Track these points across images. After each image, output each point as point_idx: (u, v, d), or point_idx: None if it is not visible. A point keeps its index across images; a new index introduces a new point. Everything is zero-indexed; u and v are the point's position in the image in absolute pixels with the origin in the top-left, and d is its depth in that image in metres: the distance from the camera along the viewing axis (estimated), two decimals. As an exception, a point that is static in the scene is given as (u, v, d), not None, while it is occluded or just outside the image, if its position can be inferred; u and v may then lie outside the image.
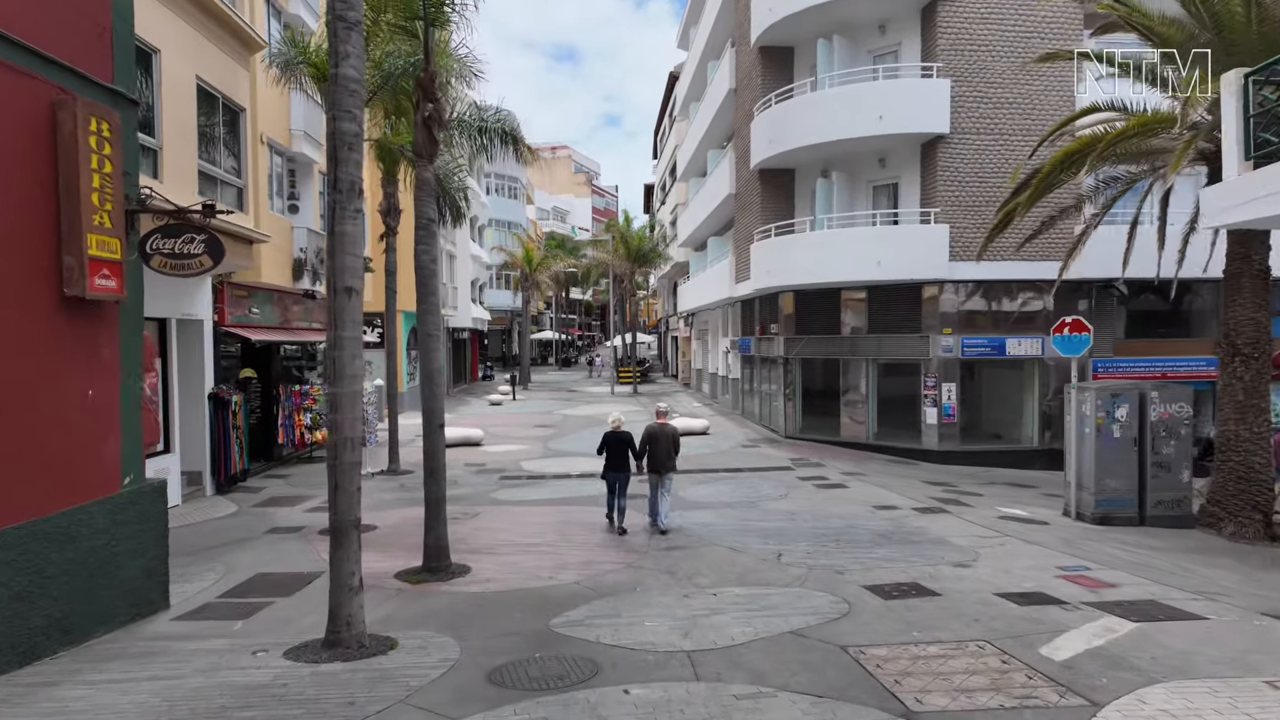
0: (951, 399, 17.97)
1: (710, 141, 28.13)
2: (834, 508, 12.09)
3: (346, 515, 5.90)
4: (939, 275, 17.31)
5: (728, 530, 10.55)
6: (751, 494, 13.39)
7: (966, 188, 17.57)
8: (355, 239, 5.89)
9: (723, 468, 16.32)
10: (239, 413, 14.46)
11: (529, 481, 15.18)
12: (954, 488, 14.43)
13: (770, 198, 20.73)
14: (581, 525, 11.03)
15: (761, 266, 19.89)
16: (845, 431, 19.57)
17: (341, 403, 5.86)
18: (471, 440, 20.24)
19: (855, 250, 17.70)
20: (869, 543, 9.72)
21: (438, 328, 8.49)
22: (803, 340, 20.17)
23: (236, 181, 12.42)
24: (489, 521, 11.50)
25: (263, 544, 10.27)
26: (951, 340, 17.81)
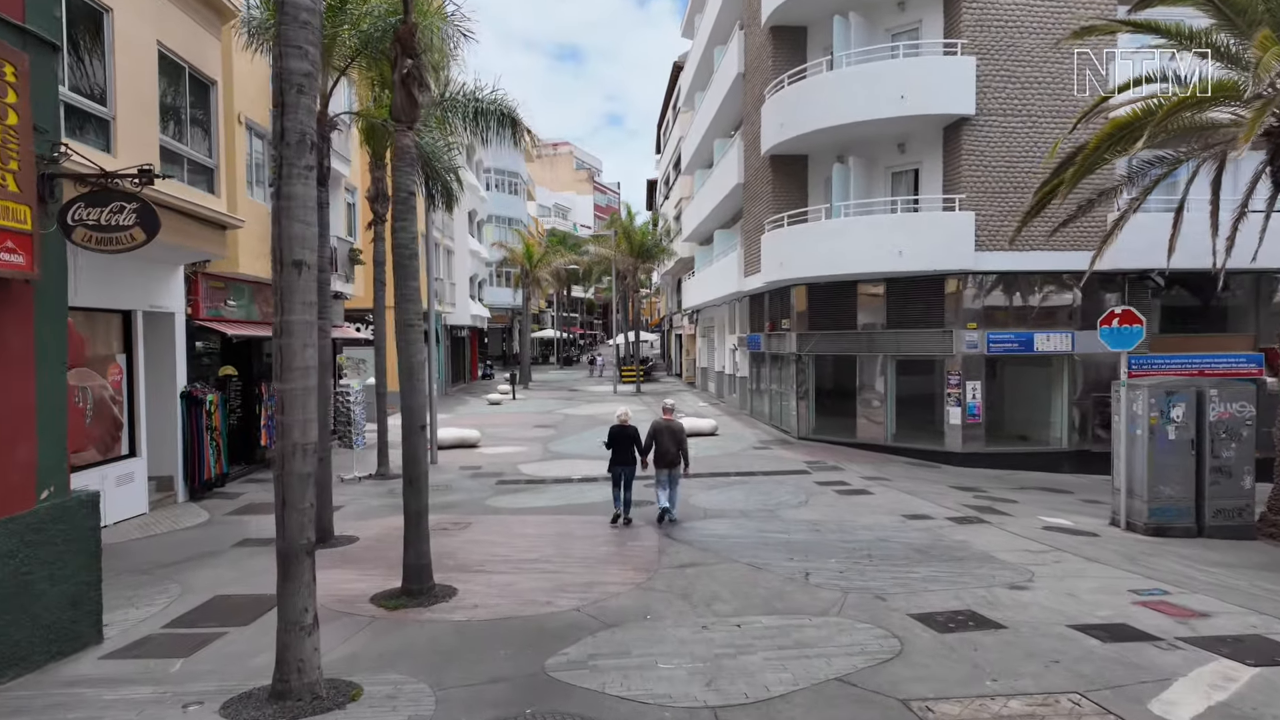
0: (976, 398, 16.89)
1: (717, 131, 27.04)
2: (861, 517, 11.01)
3: (297, 539, 4.84)
4: (964, 265, 16.22)
5: (746, 543, 9.48)
6: (768, 501, 12.32)
7: (993, 173, 16.48)
8: (306, 203, 4.83)
9: (734, 471, 15.25)
10: (215, 413, 13.41)
11: (527, 486, 14.12)
12: (985, 494, 13.36)
13: (782, 186, 19.64)
14: (583, 538, 9.97)
15: (773, 258, 18.80)
16: (862, 432, 18.48)
17: (289, 401, 4.80)
18: (467, 442, 19.20)
19: (875, 239, 16.61)
20: (906, 559, 8.64)
21: (418, 316, 7.44)
22: (816, 336, 19.09)
23: (207, 161, 11.38)
24: (481, 533, 10.43)
25: (229, 559, 9.22)
26: (976, 335, 16.72)
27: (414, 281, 7.36)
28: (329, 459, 10.13)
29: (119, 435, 11.47)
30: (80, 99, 8.41)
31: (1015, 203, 16.42)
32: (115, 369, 11.41)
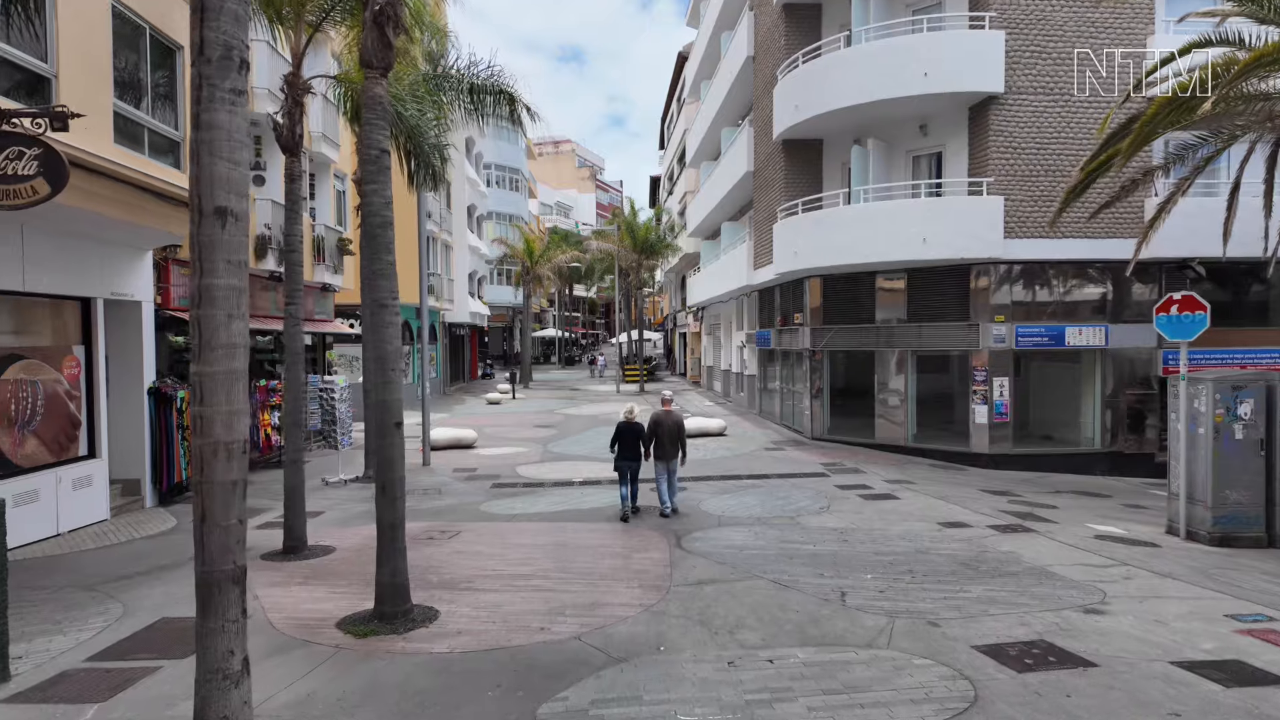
0: (1004, 395, 15.82)
1: (725, 119, 25.99)
2: (892, 525, 9.95)
3: (219, 564, 3.79)
4: (993, 254, 15.15)
5: (767, 556, 8.42)
6: (786, 506, 11.27)
7: (1022, 155, 15.41)
8: (233, 135, 3.79)
9: (747, 474, 14.20)
10: (187, 410, 12.38)
11: (524, 490, 13.08)
12: (1020, 498, 12.28)
13: (795, 172, 18.60)
14: (584, 548, 8.92)
15: (786, 247, 17.75)
16: (880, 432, 17.41)
17: (209, 387, 3.76)
18: (463, 442, 18.16)
19: (897, 226, 15.55)
20: (953, 575, 7.58)
21: (392, 295, 6.40)
22: (832, 331, 18.04)
23: (171, 134, 10.36)
24: (471, 542, 9.39)
25: (186, 572, 8.16)
26: (1005, 329, 15.65)
27: (387, 255, 6.32)
28: (302, 463, 9.09)
29: (76, 435, 10.46)
30: (10, 49, 7.38)
31: (1046, 187, 15.38)
32: (72, 362, 10.40)
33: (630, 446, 10.60)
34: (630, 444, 10.61)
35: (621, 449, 10.63)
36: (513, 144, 52.07)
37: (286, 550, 8.88)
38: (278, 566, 8.42)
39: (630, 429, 10.66)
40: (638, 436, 10.63)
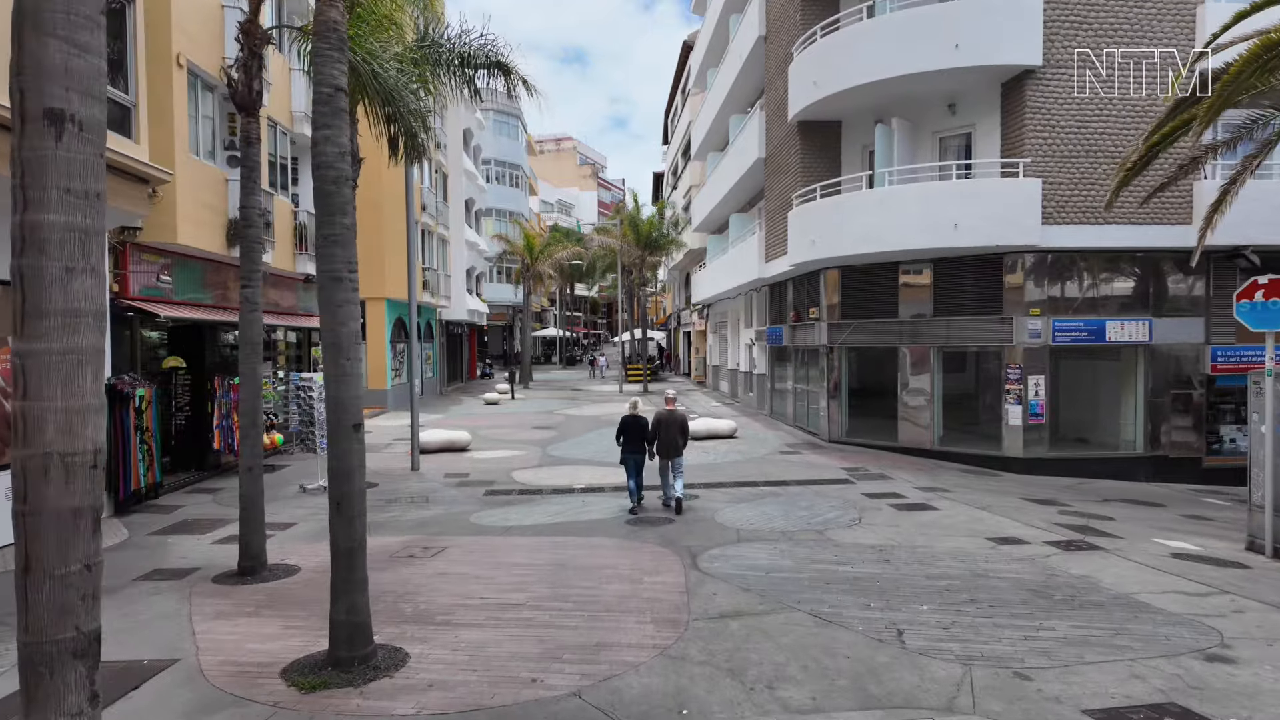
0: (1040, 395, 14.61)
1: (733, 106, 24.79)
2: (936, 541, 8.74)
3: (53, 630, 2.58)
4: (1029, 241, 13.93)
5: (800, 580, 7.21)
6: (811, 518, 10.06)
7: (1061, 134, 14.19)
8: (75, 10, 2.59)
9: (763, 480, 12.99)
10: (147, 410, 11.21)
11: (520, 498, 11.88)
12: (1069, 508, 11.07)
13: (812, 156, 17.39)
14: (586, 570, 7.71)
15: (803, 236, 16.54)
16: (904, 435, 16.19)
17: (37, 372, 2.56)
18: (456, 445, 16.97)
19: (925, 210, 14.33)
20: (1026, 606, 6.37)
21: (349, 268, 5.21)
22: (851, 326, 16.82)
23: (120, 97, 9.18)
24: (457, 561, 8.18)
25: (122, 599, 6.98)
26: (1041, 323, 14.44)
27: (343, 218, 5.13)
28: (259, 470, 7.89)
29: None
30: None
31: (1087, 169, 14.18)
32: (7, 355, 9.21)
33: (635, 439, 10.70)
34: (635, 437, 10.71)
35: (626, 442, 10.74)
36: (513, 139, 50.92)
37: (242, 571, 7.68)
38: (228, 592, 7.21)
39: (635, 422, 10.77)
40: (642, 430, 10.74)
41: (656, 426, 10.75)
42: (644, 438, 10.69)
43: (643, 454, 10.74)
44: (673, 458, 10.70)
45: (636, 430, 10.75)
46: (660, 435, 10.71)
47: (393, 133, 10.45)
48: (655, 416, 10.89)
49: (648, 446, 10.72)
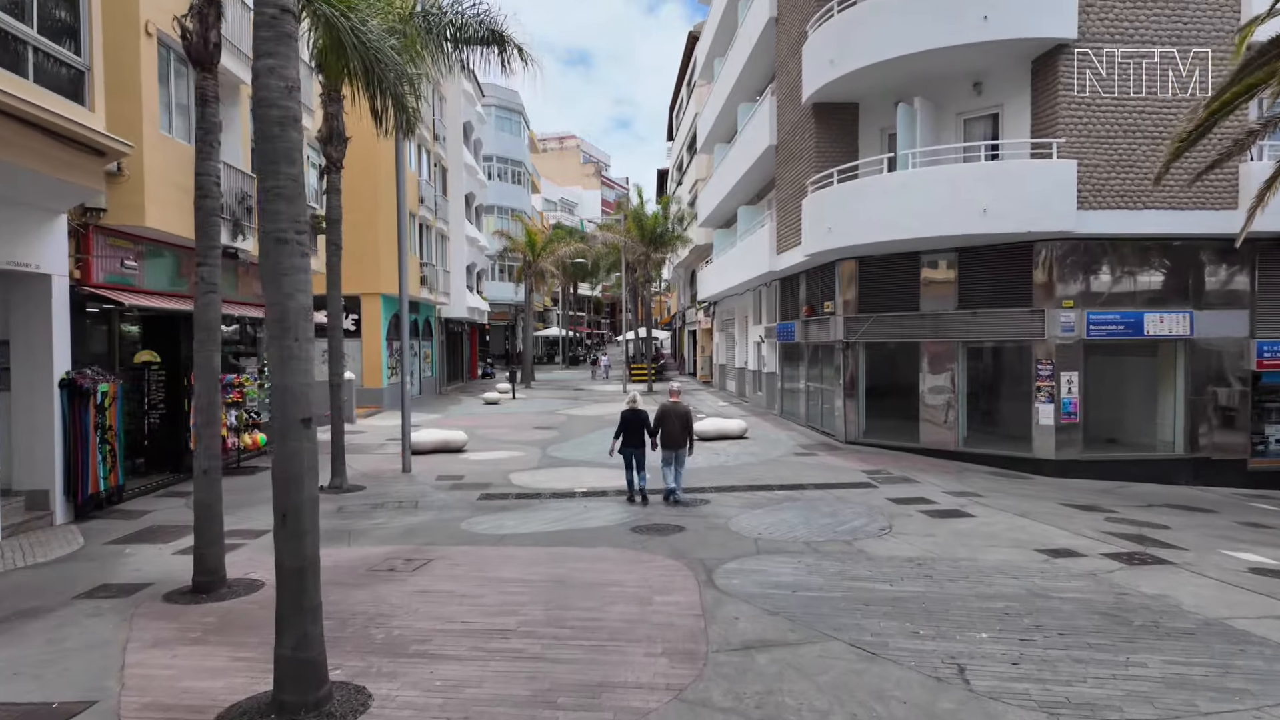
0: (1073, 392, 13.65)
1: (742, 94, 23.86)
2: (980, 553, 7.79)
3: None
4: (1064, 227, 12.97)
5: (833, 601, 6.28)
6: (837, 527, 9.11)
7: (1098, 113, 13.23)
8: None
9: (778, 484, 12.05)
10: (110, 407, 10.31)
11: (517, 503, 10.96)
12: (1115, 514, 10.11)
13: (828, 140, 16.44)
14: (587, 587, 6.78)
15: (819, 224, 15.59)
16: (926, 436, 15.22)
17: None
18: (451, 445, 16.06)
19: (951, 194, 13.38)
20: (1101, 633, 5.43)
21: (298, 229, 4.27)
22: (869, 320, 15.87)
23: (71, 59, 8.28)
24: (442, 575, 7.26)
25: (51, 623, 6.06)
26: (1074, 316, 13.49)
27: (289, 168, 4.20)
28: (217, 473, 6.98)
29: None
30: None
31: (1125, 150, 13.22)
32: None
33: (635, 434, 10.63)
34: (635, 431, 10.64)
35: (626, 436, 10.66)
36: (515, 135, 50.08)
37: (196, 588, 6.76)
38: (177, 613, 6.30)
39: (635, 416, 10.70)
40: (642, 424, 10.69)
41: (660, 419, 10.74)
42: (644, 431, 10.67)
43: (643, 447, 10.68)
44: (678, 449, 10.65)
45: (637, 424, 10.68)
46: (664, 427, 10.69)
47: (379, 105, 9.49)
48: (660, 408, 10.92)
49: (650, 438, 10.71)
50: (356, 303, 24.59)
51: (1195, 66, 13.16)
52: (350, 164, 22.69)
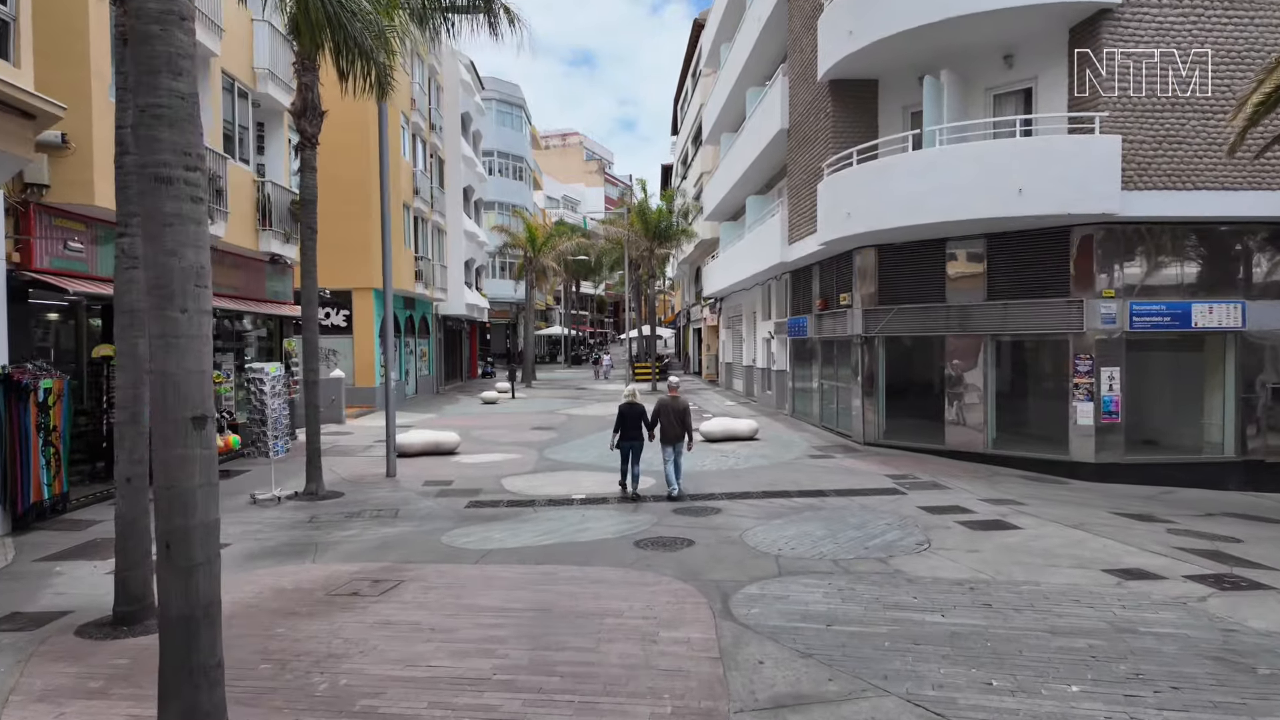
0: (1114, 390, 12.53)
1: (750, 79, 22.77)
2: (1040, 574, 6.69)
3: None
4: (1107, 208, 11.84)
5: (876, 638, 5.19)
6: (867, 540, 8.02)
7: (1144, 85, 12.11)
8: None
9: (795, 489, 10.97)
10: (55, 405, 9.28)
11: (507, 511, 9.89)
12: (1177, 526, 8.99)
13: (846, 119, 15.34)
14: (580, 618, 5.70)
15: (836, 208, 14.48)
16: (951, 437, 14.10)
17: None
18: (442, 447, 14.98)
19: (984, 174, 12.27)
20: (1221, 685, 4.35)
21: (189, 163, 3.21)
22: (890, 313, 14.77)
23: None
24: (410, 604, 6.18)
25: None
26: (1116, 307, 12.37)
27: (171, 80, 3.15)
28: (143, 481, 5.91)
29: None
30: None
31: (1173, 125, 12.10)
32: None
33: (632, 428, 10.59)
34: (632, 425, 10.60)
35: (624, 430, 10.60)
36: (516, 130, 49.07)
37: (117, 619, 5.71)
38: (86, 651, 5.24)
39: (632, 410, 10.67)
40: (639, 418, 10.68)
41: (658, 413, 10.74)
42: (642, 425, 10.64)
43: (641, 441, 10.66)
44: (675, 443, 10.62)
45: (634, 418, 10.63)
46: (662, 421, 10.70)
47: (345, 62, 8.43)
48: (658, 402, 10.90)
49: (648, 431, 10.69)
50: (348, 298, 23.56)
51: (1255, 31, 12.04)
52: (343, 153, 21.78)
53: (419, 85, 26.24)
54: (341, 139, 21.68)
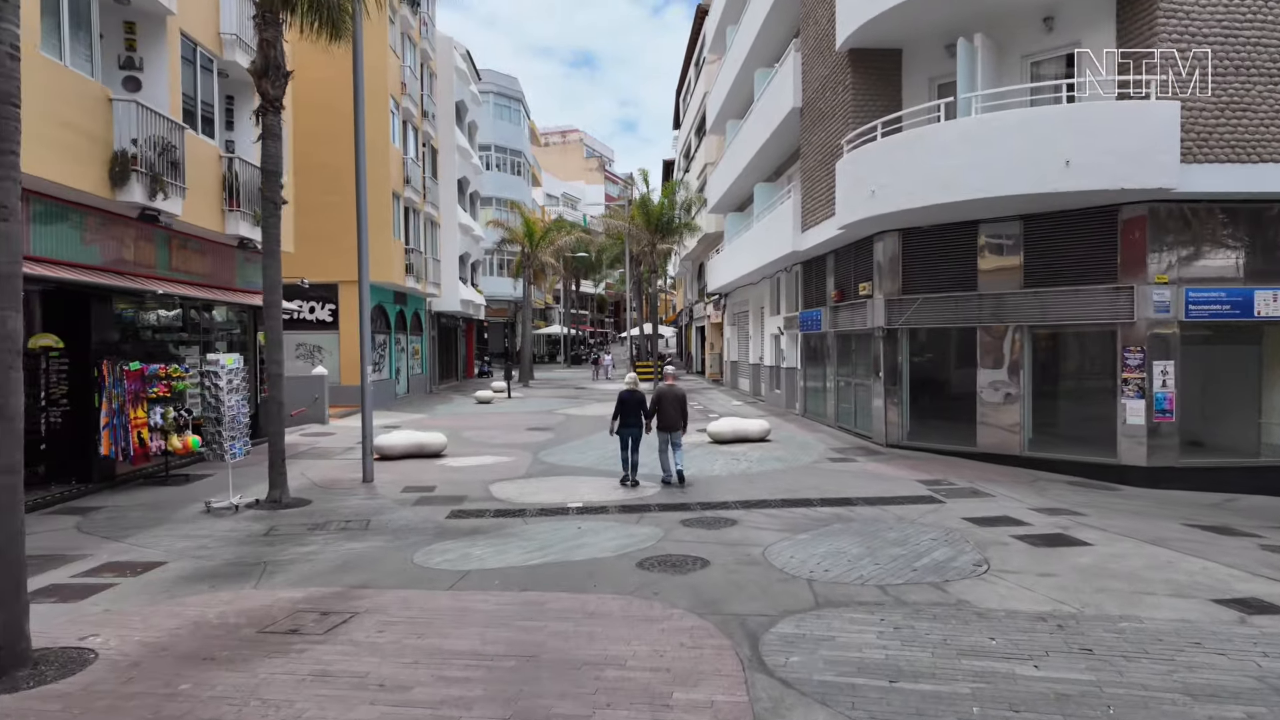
0: (1168, 385, 11.30)
1: (759, 59, 21.52)
2: (1138, 607, 5.46)
3: None
4: (1165, 183, 10.59)
5: (960, 702, 3.98)
6: (913, 559, 6.79)
7: (1204, 46, 10.89)
8: None
9: (818, 497, 9.73)
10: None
11: (493, 523, 8.66)
12: (1265, 541, 7.74)
13: (867, 91, 14.09)
14: (571, 670, 4.47)
15: (858, 188, 13.23)
16: (984, 438, 12.85)
17: None
18: (427, 449, 13.76)
19: (1027, 145, 11.01)
20: None
21: None
22: (915, 302, 13.54)
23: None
24: (358, 647, 4.94)
25: None
26: (1170, 294, 11.14)
27: None
28: (12, 495, 4.69)
29: None
30: None
31: (1237, 91, 10.87)
32: None
33: (632, 414, 10.60)
34: (632, 412, 10.61)
35: (623, 417, 10.62)
36: (514, 124, 47.86)
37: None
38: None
39: (632, 397, 10.68)
40: (639, 405, 10.68)
41: (657, 401, 10.75)
42: (641, 412, 10.61)
43: (640, 428, 10.65)
44: (673, 431, 10.66)
45: (634, 405, 10.62)
46: (660, 409, 10.69)
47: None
48: (656, 391, 10.97)
49: (646, 420, 10.68)
50: (334, 291, 22.34)
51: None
52: (329, 140, 20.54)
53: (409, 69, 25.01)
54: (327, 125, 20.50)
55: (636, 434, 10.65)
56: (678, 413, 10.70)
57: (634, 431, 10.62)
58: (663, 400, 10.73)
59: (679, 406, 10.76)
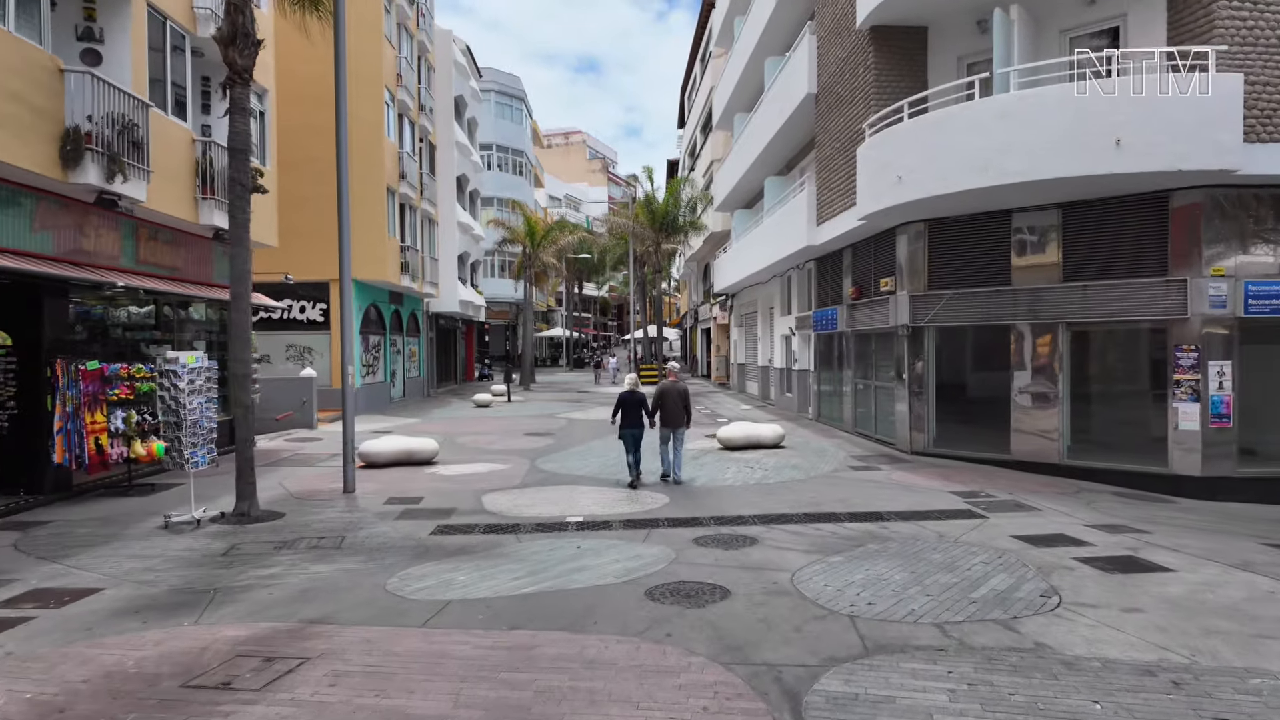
0: (1225, 388, 10.29)
1: (769, 48, 20.56)
2: (1260, 654, 4.47)
3: None
4: (1226, 164, 9.56)
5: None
6: (969, 589, 5.78)
7: (1266, 13, 9.91)
8: None
9: (845, 511, 8.73)
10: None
11: (482, 539, 7.67)
12: (1364, 565, 6.71)
13: (891, 71, 13.11)
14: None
15: (882, 174, 12.22)
16: (1019, 445, 11.83)
17: None
18: (417, 456, 12.77)
19: (1073, 123, 9.98)
20: None
21: None
22: (943, 298, 12.55)
23: None
24: (300, 708, 3.96)
25: None
26: (1227, 287, 10.14)
27: None
28: None
29: None
30: None
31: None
32: None
33: (633, 415, 10.53)
34: (633, 412, 10.54)
35: (625, 418, 10.54)
36: (516, 124, 47.01)
37: None
38: None
39: (633, 398, 10.61)
40: (640, 405, 10.61)
41: (660, 398, 10.75)
42: (642, 412, 10.57)
43: (642, 428, 10.57)
44: (676, 427, 10.64)
45: (635, 405, 10.56)
46: (663, 405, 10.69)
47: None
48: (658, 387, 10.99)
49: (648, 418, 10.61)
50: (325, 290, 21.38)
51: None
52: (322, 133, 19.52)
53: (405, 60, 24.10)
54: (320, 118, 19.51)
55: (638, 434, 10.57)
56: (680, 408, 10.70)
57: (636, 431, 10.54)
58: (665, 396, 10.73)
59: (682, 402, 10.76)
